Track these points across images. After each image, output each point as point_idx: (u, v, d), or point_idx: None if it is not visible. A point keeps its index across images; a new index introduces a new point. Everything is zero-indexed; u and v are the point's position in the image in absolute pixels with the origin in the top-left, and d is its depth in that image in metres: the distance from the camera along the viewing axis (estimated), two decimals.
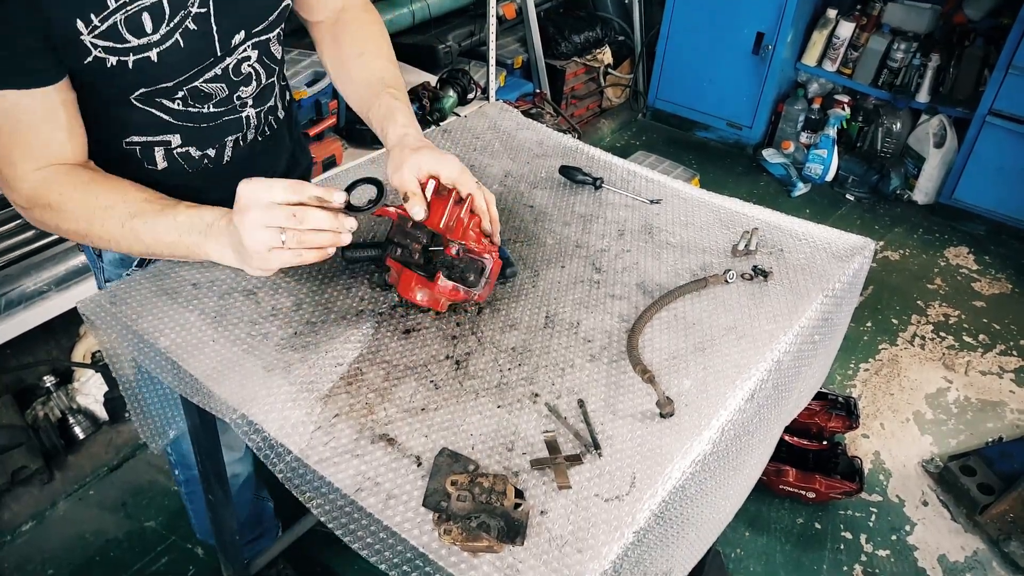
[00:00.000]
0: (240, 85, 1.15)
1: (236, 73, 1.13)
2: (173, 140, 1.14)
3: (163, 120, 1.10)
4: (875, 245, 1.34)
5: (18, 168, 0.98)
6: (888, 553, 2.10)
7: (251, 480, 1.72)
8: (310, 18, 1.29)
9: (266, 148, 1.29)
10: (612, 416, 0.97)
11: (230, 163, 1.23)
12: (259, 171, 1.20)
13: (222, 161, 1.22)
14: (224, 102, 1.15)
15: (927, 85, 3.56)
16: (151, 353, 1.05)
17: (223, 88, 1.13)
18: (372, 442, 0.92)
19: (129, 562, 1.98)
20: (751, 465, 1.20)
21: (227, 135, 1.20)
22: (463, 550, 0.79)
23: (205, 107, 1.13)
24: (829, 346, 1.33)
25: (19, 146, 0.97)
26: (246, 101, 1.18)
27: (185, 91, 1.08)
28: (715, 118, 4.19)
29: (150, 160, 1.15)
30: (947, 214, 3.62)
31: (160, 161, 1.16)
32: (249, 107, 1.20)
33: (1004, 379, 2.72)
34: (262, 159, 1.29)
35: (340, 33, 1.27)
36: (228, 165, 1.23)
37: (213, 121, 1.16)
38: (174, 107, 1.10)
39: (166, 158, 1.16)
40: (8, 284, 1.92)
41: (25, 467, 2.06)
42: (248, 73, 1.15)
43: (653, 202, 1.40)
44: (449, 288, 1.05)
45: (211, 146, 1.19)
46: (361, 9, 1.30)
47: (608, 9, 4.24)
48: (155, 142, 1.13)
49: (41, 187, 0.99)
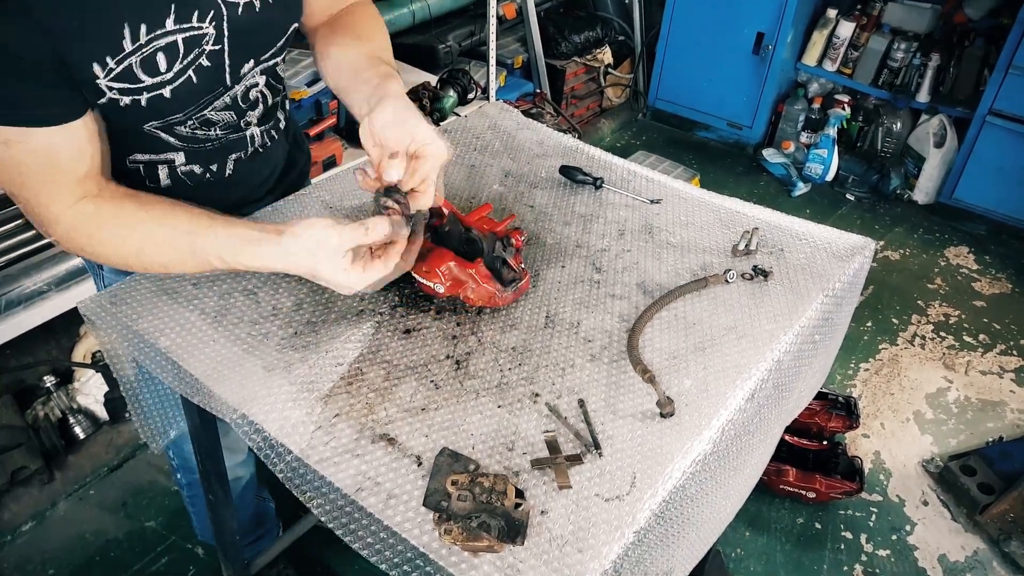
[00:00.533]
0: (248, 110, 1.17)
1: (244, 100, 1.14)
2: (177, 159, 1.14)
3: (169, 143, 1.12)
4: (875, 245, 1.34)
5: (52, 209, 0.96)
6: (888, 553, 2.10)
7: (253, 482, 1.72)
8: (310, 23, 1.25)
9: (265, 158, 1.30)
10: (612, 416, 0.97)
11: (231, 175, 1.24)
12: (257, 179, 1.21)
13: (223, 175, 1.22)
14: (230, 126, 1.16)
15: (927, 85, 3.56)
16: (151, 353, 1.05)
17: (231, 115, 1.14)
18: (372, 442, 0.91)
19: (129, 562, 1.98)
20: (752, 465, 1.20)
21: (231, 153, 1.21)
22: (464, 549, 0.79)
23: (212, 131, 1.14)
24: (829, 346, 1.33)
25: (49, 185, 0.94)
26: (251, 122, 1.20)
27: (194, 119, 1.09)
28: (715, 118, 4.19)
29: (153, 178, 1.15)
30: (947, 214, 3.62)
31: (163, 179, 1.16)
32: (254, 126, 1.21)
33: (1004, 379, 2.72)
34: (262, 168, 1.30)
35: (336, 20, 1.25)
36: (229, 177, 1.23)
37: (218, 142, 1.17)
38: (183, 132, 1.11)
39: (169, 176, 1.16)
40: (8, 284, 1.92)
41: (25, 467, 2.06)
42: (256, 98, 1.17)
43: (653, 202, 1.40)
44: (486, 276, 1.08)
45: (214, 163, 1.20)
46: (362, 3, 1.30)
47: (608, 9, 4.24)
48: (159, 161, 1.13)
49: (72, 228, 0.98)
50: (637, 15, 4.27)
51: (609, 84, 4.27)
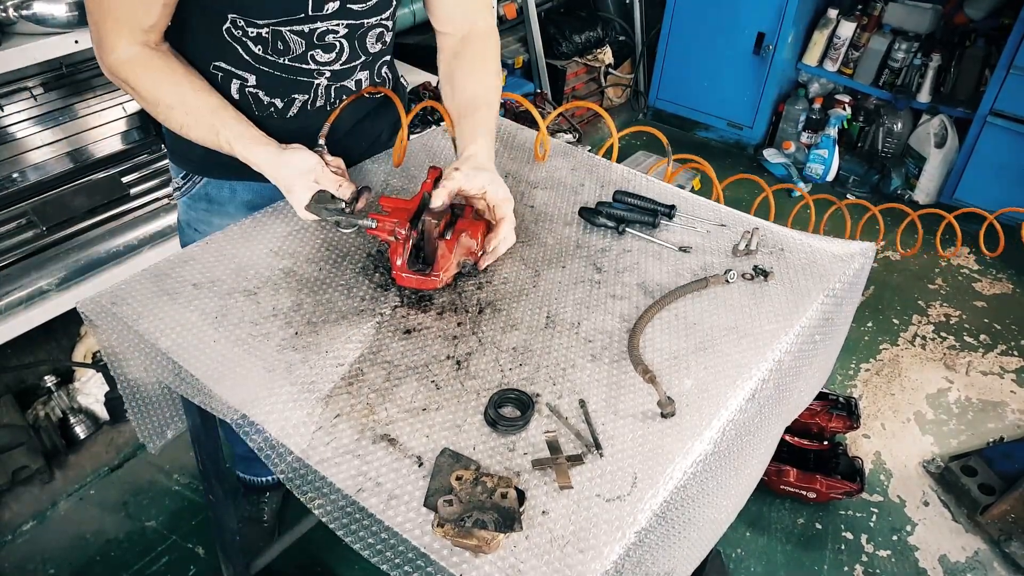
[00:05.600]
0: (319, 49, 1.23)
1: (319, 39, 1.22)
2: (249, 79, 1.24)
3: (244, 59, 1.21)
4: (876, 247, 1.34)
5: (113, 39, 1.12)
6: (889, 553, 2.10)
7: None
8: (439, 28, 1.38)
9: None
10: (613, 416, 0.97)
11: (294, 119, 1.30)
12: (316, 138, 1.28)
13: (287, 115, 1.30)
14: (300, 59, 1.23)
15: (928, 85, 3.56)
16: (152, 353, 1.04)
17: (302, 43, 1.21)
18: (373, 442, 0.91)
19: (130, 562, 1.98)
20: (752, 465, 1.20)
21: (295, 92, 1.28)
22: (455, 546, 0.79)
23: (282, 59, 1.22)
24: (830, 346, 1.32)
25: (121, 20, 1.11)
26: (322, 70, 1.26)
27: (269, 34, 1.18)
28: (716, 118, 4.19)
29: (226, 90, 1.25)
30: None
31: (234, 93, 1.26)
32: (324, 77, 1.27)
33: (1005, 379, 2.71)
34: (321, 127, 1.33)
35: (462, 51, 1.36)
36: (292, 120, 1.30)
37: (286, 73, 1.24)
38: (256, 51, 1.20)
39: (239, 92, 1.26)
40: (8, 284, 1.92)
41: (26, 467, 2.06)
42: (331, 44, 1.23)
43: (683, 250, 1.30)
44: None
45: (279, 97, 1.27)
46: (486, 35, 1.38)
47: (609, 9, 4.24)
48: (234, 74, 1.24)
49: (124, 61, 1.14)
50: (638, 15, 4.27)
51: (610, 84, 4.27)
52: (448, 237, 1.15)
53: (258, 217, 1.30)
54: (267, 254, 1.23)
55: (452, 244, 1.14)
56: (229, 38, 1.18)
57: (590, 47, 4.00)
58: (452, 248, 1.14)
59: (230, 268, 1.19)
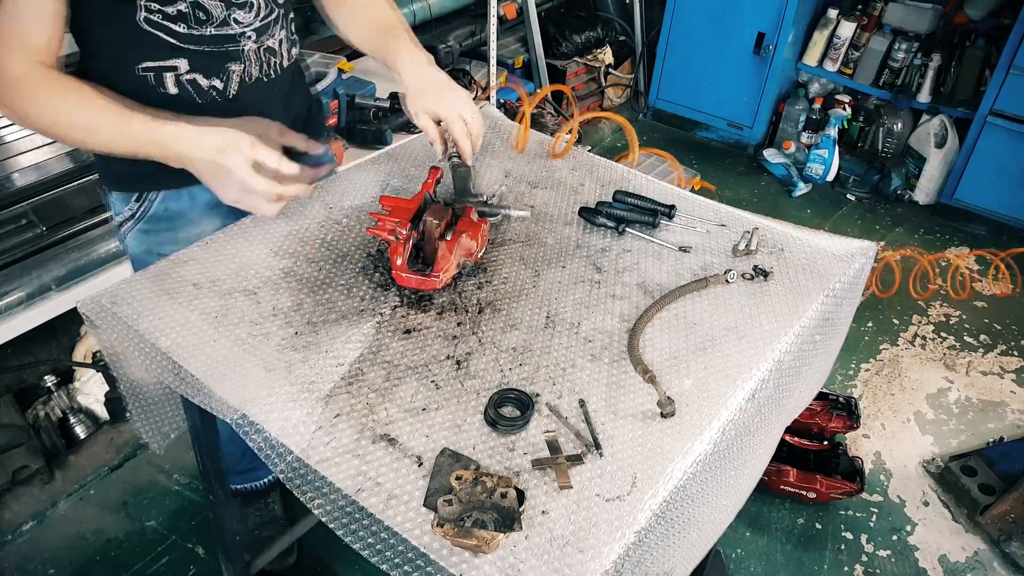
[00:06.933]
0: (236, 8, 1.20)
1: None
2: (180, 65, 1.19)
3: (170, 43, 1.16)
4: (876, 247, 1.34)
5: (5, 58, 1.06)
6: (889, 553, 2.10)
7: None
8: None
9: (272, 91, 1.32)
10: (613, 416, 0.97)
11: (236, 98, 1.27)
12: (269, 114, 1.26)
13: (228, 94, 1.26)
14: (223, 23, 1.20)
15: (928, 85, 3.55)
16: (152, 353, 1.04)
17: (220, 6, 1.18)
18: (373, 442, 0.91)
19: (130, 562, 1.98)
20: (752, 465, 1.20)
21: (228, 62, 1.24)
22: (454, 545, 0.79)
23: (207, 28, 1.18)
24: (830, 346, 1.32)
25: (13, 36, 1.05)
26: (246, 32, 1.23)
27: (188, 7, 1.14)
28: (716, 118, 4.19)
29: (162, 88, 1.20)
30: (948, 214, 3.62)
31: (171, 88, 1.21)
32: (250, 40, 1.24)
33: (1005, 379, 2.71)
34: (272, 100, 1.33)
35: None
36: (235, 100, 1.27)
37: (214, 45, 1.20)
38: (179, 30, 1.16)
39: (176, 84, 1.21)
40: (8, 284, 1.92)
41: (26, 467, 2.06)
42: (246, 1, 1.21)
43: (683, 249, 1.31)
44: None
45: (216, 75, 1.23)
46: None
47: (609, 9, 4.24)
48: (165, 67, 1.19)
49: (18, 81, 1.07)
50: (638, 15, 4.27)
51: (610, 84, 4.27)
52: (448, 237, 1.15)
53: (258, 217, 1.30)
54: (267, 254, 1.23)
55: (452, 244, 1.14)
56: (148, 26, 1.13)
57: (590, 47, 4.00)
58: (452, 248, 1.14)
59: (230, 268, 1.19)
